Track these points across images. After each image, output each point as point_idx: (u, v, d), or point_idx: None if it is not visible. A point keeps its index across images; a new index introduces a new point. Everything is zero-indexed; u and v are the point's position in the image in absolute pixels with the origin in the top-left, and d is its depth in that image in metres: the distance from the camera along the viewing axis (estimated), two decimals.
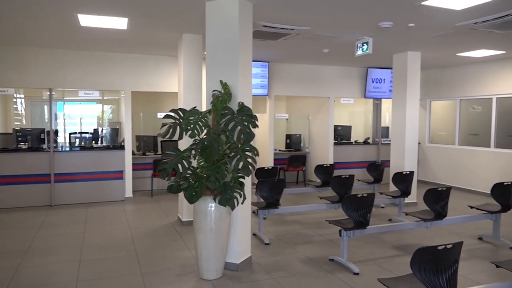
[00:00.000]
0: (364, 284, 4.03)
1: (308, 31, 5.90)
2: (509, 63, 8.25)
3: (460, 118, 9.53)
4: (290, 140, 10.28)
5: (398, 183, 6.35)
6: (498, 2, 4.46)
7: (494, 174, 8.40)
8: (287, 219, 6.57)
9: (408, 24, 5.50)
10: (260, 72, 8.89)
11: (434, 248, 2.62)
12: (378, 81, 9.95)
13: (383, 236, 5.58)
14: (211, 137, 3.89)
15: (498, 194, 5.26)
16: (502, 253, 4.99)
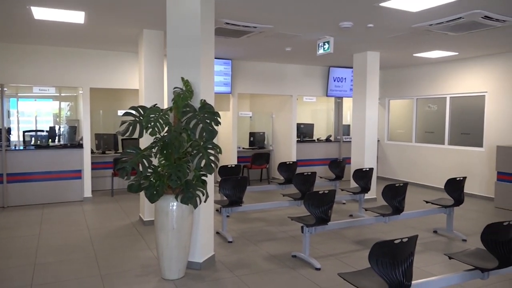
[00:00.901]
0: (325, 279, 4.11)
1: (270, 30, 5.93)
2: (462, 64, 8.65)
3: (416, 117, 9.90)
4: (254, 138, 10.31)
5: (358, 179, 6.52)
6: (451, 6, 4.65)
7: (447, 170, 8.79)
8: (251, 217, 6.59)
9: (367, 24, 5.64)
10: (223, 69, 8.85)
11: (390, 242, 2.70)
12: (339, 80, 10.16)
13: (344, 232, 5.71)
14: (172, 135, 3.83)
15: (451, 189, 5.50)
16: (455, 245, 5.23)
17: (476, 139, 8.46)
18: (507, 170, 7.29)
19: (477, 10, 4.80)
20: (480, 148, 8.33)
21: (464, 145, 8.72)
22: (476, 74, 8.39)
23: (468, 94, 8.61)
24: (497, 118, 8.00)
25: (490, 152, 8.01)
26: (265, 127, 10.70)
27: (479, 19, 5.08)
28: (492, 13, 4.93)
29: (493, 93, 8.08)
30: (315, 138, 10.73)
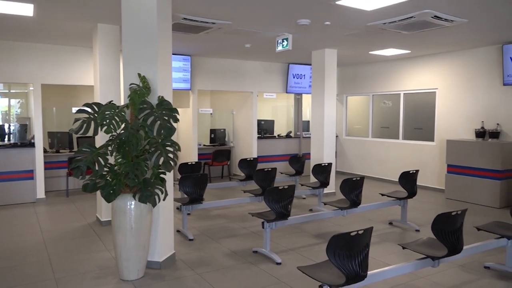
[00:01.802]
0: (286, 273, 4.17)
1: (229, 26, 5.91)
2: (414, 61, 9.00)
3: (373, 112, 10.22)
4: (215, 134, 10.26)
5: (318, 174, 6.65)
6: (403, 5, 4.83)
7: (402, 163, 9.14)
8: (212, 214, 6.57)
9: (325, 22, 5.74)
10: (182, 66, 8.73)
11: (347, 234, 2.78)
12: (298, 77, 10.29)
13: (304, 226, 5.81)
14: (129, 133, 3.74)
15: (405, 182, 5.73)
16: (409, 236, 5.46)
17: (428, 133, 8.85)
18: (456, 163, 7.68)
19: (427, 10, 5.00)
20: (431, 142, 8.72)
21: (417, 139, 9.09)
22: (427, 71, 8.77)
23: (420, 90, 8.98)
24: (447, 113, 8.41)
25: (440, 146, 8.41)
26: (226, 124, 10.68)
27: (429, 18, 5.30)
28: (441, 13, 5.16)
29: (443, 89, 8.47)
30: (275, 134, 10.82)
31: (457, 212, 3.40)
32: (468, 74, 8.00)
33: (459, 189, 7.64)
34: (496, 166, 7.06)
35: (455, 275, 4.14)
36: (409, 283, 3.93)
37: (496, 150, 7.09)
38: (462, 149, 7.61)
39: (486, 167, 7.19)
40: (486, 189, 7.20)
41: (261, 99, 10.49)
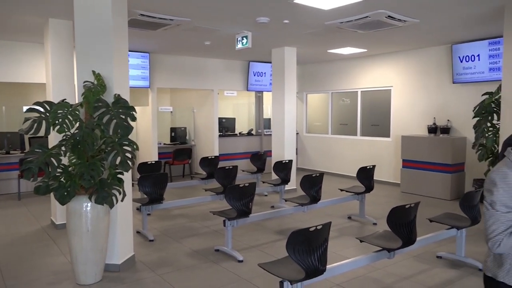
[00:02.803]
0: (247, 270, 4.18)
1: (188, 23, 5.83)
2: (370, 60, 9.27)
3: (332, 110, 10.43)
4: (175, 133, 10.11)
5: (279, 171, 6.71)
6: (359, 5, 4.95)
7: (360, 159, 9.40)
8: (173, 214, 6.48)
9: (283, 20, 5.80)
10: (141, 63, 8.54)
11: (306, 230, 2.83)
12: (259, 75, 10.34)
13: (266, 223, 5.85)
14: (83, 132, 3.61)
15: (363, 177, 5.90)
16: (366, 229, 5.62)
17: (384, 130, 9.15)
18: (410, 158, 8.00)
19: (381, 10, 5.16)
20: (387, 138, 9.03)
21: (374, 135, 9.38)
22: (383, 69, 9.06)
23: (377, 88, 9.27)
24: (401, 110, 8.73)
25: (396, 141, 8.72)
26: (186, 122, 10.55)
27: (384, 18, 5.47)
28: (395, 13, 5.34)
29: (398, 87, 8.78)
30: (237, 132, 10.83)
31: (410, 205, 3.54)
32: (421, 73, 8.34)
33: (413, 183, 7.96)
34: (447, 160, 7.41)
35: (410, 265, 4.31)
36: (366, 275, 4.06)
37: (447, 145, 7.45)
38: (415, 144, 7.93)
39: (438, 161, 7.54)
40: (438, 182, 7.55)
41: (222, 97, 10.46)
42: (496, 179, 1.75)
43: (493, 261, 1.84)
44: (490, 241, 1.74)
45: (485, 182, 1.81)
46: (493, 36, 6.90)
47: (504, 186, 1.73)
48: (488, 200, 1.77)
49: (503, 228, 1.71)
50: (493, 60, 7.05)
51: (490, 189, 1.76)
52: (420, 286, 3.83)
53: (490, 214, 1.75)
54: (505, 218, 1.71)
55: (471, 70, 7.39)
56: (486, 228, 1.77)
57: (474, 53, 7.29)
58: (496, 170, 1.78)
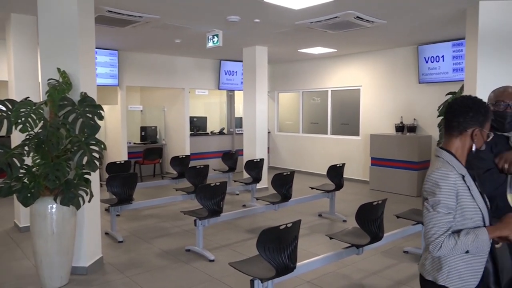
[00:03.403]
0: (219, 269, 4.17)
1: (157, 20, 5.75)
2: (340, 60, 9.42)
3: (303, 109, 10.54)
4: (145, 132, 9.95)
5: (250, 170, 6.73)
6: (328, 5, 5.01)
7: (330, 157, 9.53)
8: (143, 214, 6.37)
9: (254, 19, 5.80)
10: (109, 60, 8.35)
11: (276, 228, 2.84)
12: (230, 73, 10.31)
13: (237, 222, 5.85)
14: (48, 131, 3.50)
15: (332, 175, 5.99)
16: (336, 226, 5.72)
17: (353, 128, 9.32)
18: (378, 156, 8.19)
19: (350, 10, 5.25)
20: (357, 137, 9.20)
21: (344, 134, 9.54)
22: (352, 69, 9.22)
23: (346, 87, 9.43)
24: (370, 109, 8.92)
25: (365, 140, 8.90)
26: (157, 121, 10.40)
27: (352, 19, 5.57)
28: (363, 14, 5.45)
29: (367, 87, 8.97)
30: (208, 131, 10.76)
31: (378, 202, 3.62)
32: (389, 73, 8.55)
33: (382, 180, 8.15)
34: (414, 158, 7.63)
35: (378, 261, 4.42)
36: (336, 271, 4.13)
37: (413, 143, 7.67)
38: (384, 143, 8.13)
39: (405, 159, 7.75)
40: (405, 180, 7.76)
41: (193, 95, 10.37)
42: (439, 180, 1.72)
43: (431, 264, 1.80)
44: (432, 244, 1.69)
45: (426, 184, 1.77)
46: (456, 38, 7.15)
47: (446, 187, 1.70)
48: (430, 202, 1.73)
49: (444, 230, 1.68)
50: (456, 61, 7.30)
51: (433, 191, 1.73)
52: (387, 281, 3.93)
53: (431, 216, 1.71)
54: (446, 220, 1.69)
55: (436, 71, 7.64)
56: (427, 231, 1.72)
57: (439, 54, 7.53)
58: (437, 171, 1.75)
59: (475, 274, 1.74)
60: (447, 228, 1.69)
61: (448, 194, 1.70)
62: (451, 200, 1.70)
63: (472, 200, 1.75)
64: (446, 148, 1.84)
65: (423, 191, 1.80)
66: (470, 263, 1.74)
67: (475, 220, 1.75)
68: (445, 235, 1.68)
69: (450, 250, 1.68)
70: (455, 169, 1.76)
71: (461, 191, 1.73)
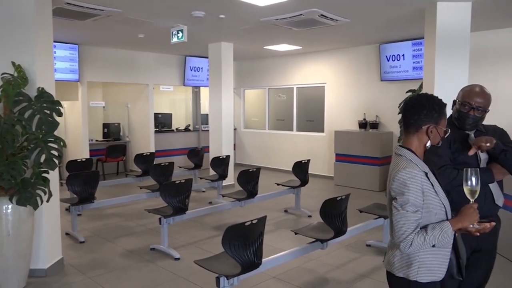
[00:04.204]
0: (184, 268, 4.13)
1: (119, 14, 5.59)
2: (305, 57, 9.53)
3: (269, 106, 10.59)
4: (108, 129, 9.69)
5: (216, 167, 6.70)
6: (292, 3, 5.05)
7: (296, 154, 9.63)
8: (106, 213, 6.21)
9: (219, 15, 5.75)
10: (69, 55, 8.05)
11: (241, 224, 2.84)
12: (196, 70, 10.20)
13: (203, 219, 5.81)
14: (2, 128, 3.33)
15: (298, 171, 6.06)
16: (302, 221, 5.79)
17: (318, 125, 9.47)
18: (342, 152, 8.36)
19: (314, 8, 5.31)
20: (322, 133, 9.35)
21: (309, 131, 9.67)
22: (317, 66, 9.35)
23: (311, 85, 9.55)
24: (334, 106, 9.08)
25: (329, 136, 9.05)
26: (120, 118, 10.14)
27: (316, 17, 5.64)
28: (327, 13, 5.53)
29: (331, 84, 9.12)
30: (174, 128, 10.61)
31: (341, 197, 3.69)
32: (352, 70, 8.72)
33: (346, 176, 8.33)
34: (376, 153, 7.84)
35: (342, 255, 4.51)
36: (301, 266, 4.18)
37: (376, 139, 7.88)
38: (347, 139, 8.30)
39: (368, 155, 7.95)
40: (368, 175, 7.97)
41: (158, 91, 10.18)
42: (407, 180, 1.75)
43: (401, 261, 1.84)
44: (402, 243, 1.73)
45: (394, 184, 1.79)
46: (416, 37, 7.39)
47: (414, 186, 1.74)
48: (399, 202, 1.76)
49: (413, 228, 1.72)
50: (416, 59, 7.55)
51: (401, 191, 1.76)
52: (351, 274, 4.02)
53: (401, 215, 1.74)
54: (414, 218, 1.73)
55: (397, 69, 7.87)
56: (397, 230, 1.75)
57: (400, 53, 7.76)
58: (403, 171, 1.78)
59: (442, 266, 1.82)
60: (415, 226, 1.74)
61: (416, 193, 1.75)
62: (418, 199, 1.75)
63: (436, 196, 1.81)
64: (406, 146, 1.89)
65: (390, 190, 1.83)
66: (437, 256, 1.81)
67: (439, 214, 1.81)
68: (414, 233, 1.73)
69: (420, 246, 1.73)
70: (419, 167, 1.81)
71: (426, 189, 1.79)
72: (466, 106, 2.32)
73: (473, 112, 2.31)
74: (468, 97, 2.33)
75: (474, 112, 2.30)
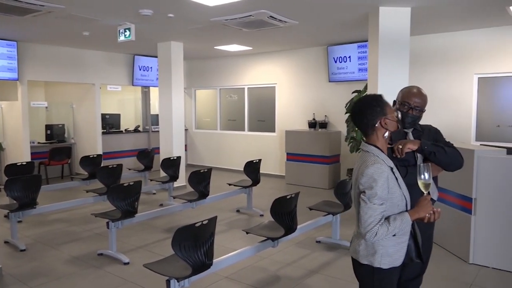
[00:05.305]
0: (134, 272, 4.03)
1: (62, 10, 5.35)
2: (256, 58, 9.60)
3: (220, 106, 10.56)
4: (52, 130, 9.23)
5: (167, 168, 6.59)
6: (242, 3, 5.08)
7: (248, 153, 9.68)
8: (49, 219, 5.92)
9: (168, 14, 5.67)
10: (6, 52, 7.58)
11: (192, 226, 2.83)
12: (145, 69, 9.97)
13: (154, 222, 5.69)
14: None
15: (249, 170, 6.10)
16: (254, 221, 5.83)
17: (269, 125, 9.58)
18: (293, 151, 8.52)
19: (263, 10, 5.37)
20: (273, 133, 9.47)
21: (260, 131, 9.76)
22: (268, 67, 9.45)
23: (262, 85, 9.64)
24: (285, 107, 9.23)
25: (281, 136, 9.19)
26: (65, 119, 9.69)
27: (266, 18, 5.70)
28: (276, 14, 5.61)
29: (281, 84, 9.26)
30: (122, 129, 10.30)
31: (291, 196, 3.77)
32: (302, 71, 8.91)
33: (297, 175, 8.50)
34: (325, 152, 8.07)
35: (292, 252, 4.60)
36: (253, 264, 4.22)
37: (325, 139, 8.10)
38: (298, 138, 8.47)
39: (317, 154, 8.16)
40: (318, 173, 8.18)
41: (105, 91, 9.83)
42: (375, 175, 1.88)
43: (365, 249, 1.98)
44: (368, 233, 1.87)
45: (362, 179, 1.91)
46: (361, 40, 7.68)
47: (382, 181, 1.88)
48: (367, 195, 1.88)
49: (378, 219, 1.86)
50: (361, 61, 7.85)
51: (370, 185, 1.88)
52: (302, 270, 4.12)
53: (368, 207, 1.87)
54: (380, 210, 1.87)
55: (344, 70, 8.14)
56: (363, 221, 1.88)
57: (346, 55, 8.04)
58: (372, 167, 1.90)
59: (401, 252, 1.99)
60: (380, 218, 1.88)
61: (383, 187, 1.89)
62: (384, 192, 1.89)
63: (399, 189, 1.97)
64: (372, 143, 2.02)
65: (358, 185, 1.94)
66: (397, 243, 1.97)
67: (401, 206, 1.97)
68: (379, 224, 1.87)
69: (384, 235, 1.88)
70: (385, 163, 1.95)
71: (391, 183, 1.93)
72: (406, 106, 2.46)
73: (412, 112, 2.45)
74: (407, 98, 2.48)
75: (413, 111, 2.45)
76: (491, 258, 4.07)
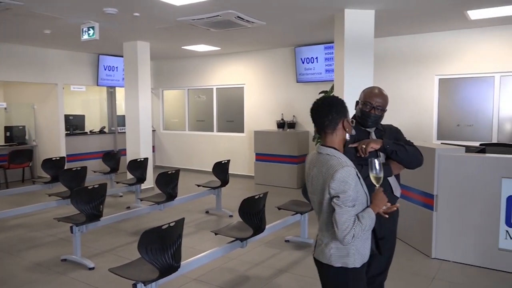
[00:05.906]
0: (99, 277, 3.93)
1: (21, 7, 5.14)
2: (224, 58, 9.57)
3: (188, 106, 10.46)
4: (11, 132, 8.86)
5: (134, 170, 6.46)
6: (209, 3, 5.04)
7: (217, 154, 9.64)
8: (9, 224, 5.67)
9: (133, 13, 5.56)
10: None
11: (158, 228, 2.78)
12: (110, 69, 9.74)
13: (120, 225, 5.57)
14: None
15: (218, 171, 6.08)
16: (223, 222, 5.81)
17: (238, 125, 9.57)
18: (262, 151, 8.55)
19: (231, 10, 5.36)
20: (242, 134, 9.47)
21: (229, 131, 9.74)
22: (236, 67, 9.45)
23: (231, 85, 9.63)
24: (253, 107, 9.25)
25: (249, 136, 9.20)
26: (25, 120, 9.32)
27: (233, 18, 5.69)
28: (243, 15, 5.61)
29: (250, 85, 9.28)
30: (87, 130, 10.02)
31: (259, 196, 3.78)
32: (270, 72, 8.96)
33: (266, 175, 8.53)
34: (293, 152, 8.15)
35: (261, 252, 4.62)
36: (222, 265, 4.20)
37: (293, 139, 8.18)
38: (266, 139, 8.51)
39: (286, 154, 8.23)
40: (286, 173, 8.25)
41: (68, 92, 9.53)
42: (347, 178, 1.87)
43: (337, 252, 1.97)
44: (347, 236, 1.85)
45: (334, 183, 1.87)
46: (328, 41, 7.80)
47: (353, 183, 1.87)
48: (341, 199, 1.86)
49: (353, 221, 1.86)
50: (328, 62, 7.98)
51: (343, 189, 1.86)
52: (271, 270, 4.14)
53: (344, 211, 1.85)
54: (354, 212, 1.88)
55: (311, 71, 8.24)
56: (340, 226, 1.85)
57: (313, 56, 8.14)
58: (342, 170, 1.87)
59: (368, 247, 2.06)
60: (355, 219, 1.89)
61: (355, 189, 1.90)
62: (355, 193, 1.90)
63: (362, 188, 2.00)
64: (330, 146, 2.02)
65: (329, 189, 1.89)
66: (364, 240, 2.02)
67: (364, 204, 2.00)
68: (354, 225, 1.87)
69: (359, 235, 1.90)
70: (349, 164, 1.96)
71: (358, 183, 1.95)
72: (368, 106, 2.52)
73: (374, 111, 2.51)
74: (369, 98, 2.54)
75: (375, 111, 2.51)
76: (452, 253, 4.23)
